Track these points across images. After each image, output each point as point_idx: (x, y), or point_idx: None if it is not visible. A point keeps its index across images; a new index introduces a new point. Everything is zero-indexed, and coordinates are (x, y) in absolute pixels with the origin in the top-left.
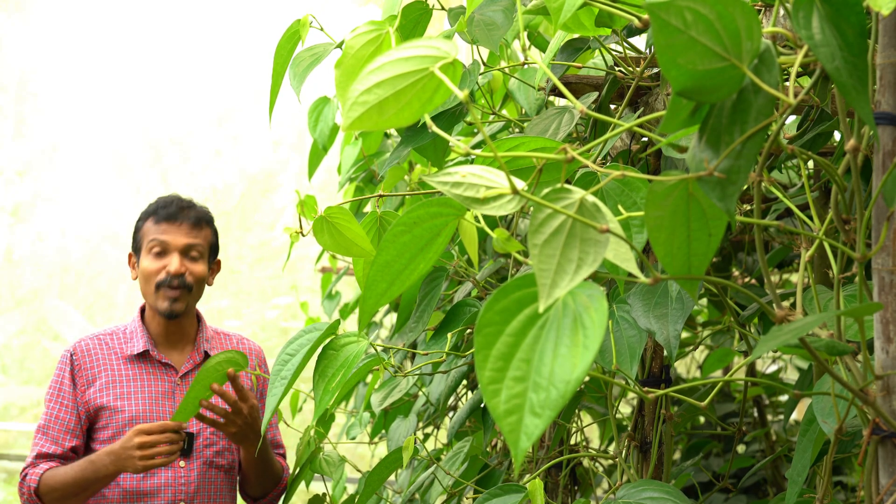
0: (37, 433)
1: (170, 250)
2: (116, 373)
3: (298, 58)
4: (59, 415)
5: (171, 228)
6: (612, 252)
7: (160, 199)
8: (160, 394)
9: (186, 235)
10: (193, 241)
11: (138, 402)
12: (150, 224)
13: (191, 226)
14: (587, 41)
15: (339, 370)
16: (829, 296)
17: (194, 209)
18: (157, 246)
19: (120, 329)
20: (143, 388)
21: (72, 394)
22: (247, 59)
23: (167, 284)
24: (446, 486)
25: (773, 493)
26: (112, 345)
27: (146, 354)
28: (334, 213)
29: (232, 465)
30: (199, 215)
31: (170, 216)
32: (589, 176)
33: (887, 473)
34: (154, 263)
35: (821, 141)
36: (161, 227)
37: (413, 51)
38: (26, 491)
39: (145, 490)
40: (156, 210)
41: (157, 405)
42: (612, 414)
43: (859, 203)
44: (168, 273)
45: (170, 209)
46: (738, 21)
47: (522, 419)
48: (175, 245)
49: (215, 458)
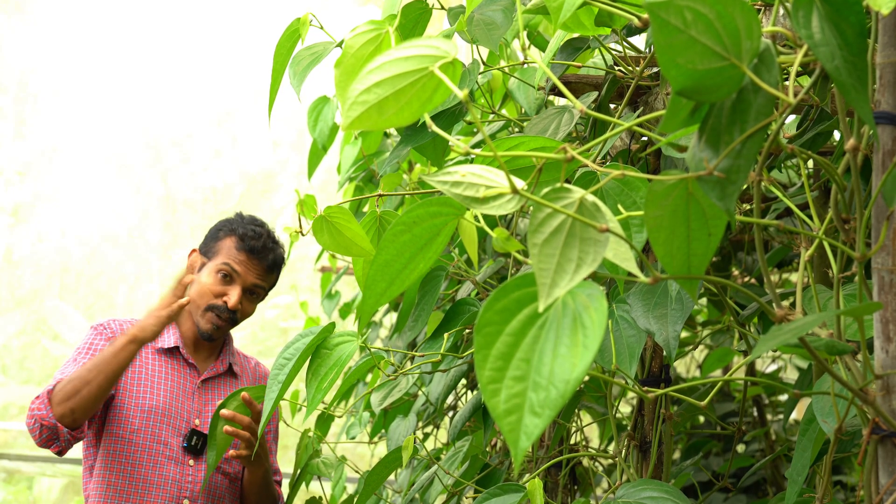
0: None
1: (236, 282)
2: (145, 361)
3: (298, 57)
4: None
5: (248, 262)
6: (612, 251)
7: (250, 223)
8: (181, 391)
9: (258, 276)
10: (261, 283)
11: (159, 394)
12: (230, 243)
13: (265, 267)
14: (587, 40)
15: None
16: (828, 295)
17: (275, 252)
18: (227, 270)
19: None
20: (166, 382)
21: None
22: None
23: (217, 312)
24: (447, 485)
25: (772, 492)
26: None
27: (175, 351)
28: (334, 212)
29: (237, 474)
30: (276, 259)
31: (254, 250)
32: (589, 175)
33: (887, 473)
34: (216, 286)
35: (820, 140)
36: (240, 257)
37: (413, 50)
38: (38, 401)
39: (152, 480)
40: (244, 236)
41: (177, 401)
42: (612, 413)
43: (859, 202)
44: (225, 303)
45: (256, 242)
46: (737, 20)
47: (522, 419)
48: (244, 281)
49: (223, 465)
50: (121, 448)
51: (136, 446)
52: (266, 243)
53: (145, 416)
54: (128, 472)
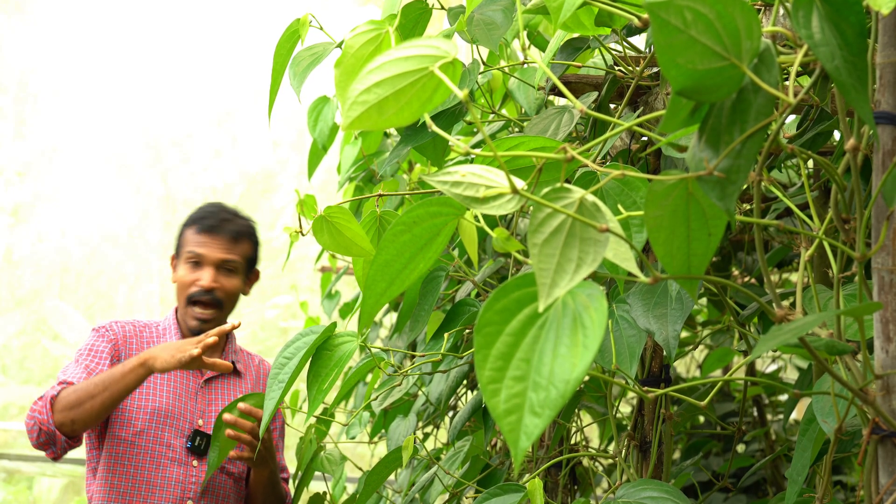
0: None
1: (204, 263)
2: None
3: (298, 57)
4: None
5: (209, 241)
6: (612, 251)
7: (204, 208)
8: (184, 392)
9: (222, 250)
10: (229, 257)
11: (162, 395)
12: (190, 233)
13: (228, 239)
14: (587, 40)
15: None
16: (828, 295)
17: (233, 222)
18: (193, 257)
19: (153, 323)
20: (168, 383)
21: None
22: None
23: (198, 299)
24: (447, 485)
25: (772, 492)
26: (146, 334)
27: None
28: (334, 212)
29: (242, 474)
30: (237, 229)
31: (209, 228)
32: (589, 175)
33: (887, 473)
34: (189, 274)
35: (820, 140)
36: (200, 239)
37: (413, 50)
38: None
39: (156, 482)
40: (197, 219)
41: (180, 402)
42: (612, 413)
43: (859, 202)
44: (200, 287)
45: (210, 221)
46: (737, 20)
47: (522, 419)
48: (210, 259)
49: (227, 465)
50: (124, 450)
51: (140, 448)
52: (222, 216)
53: (148, 417)
54: (131, 473)
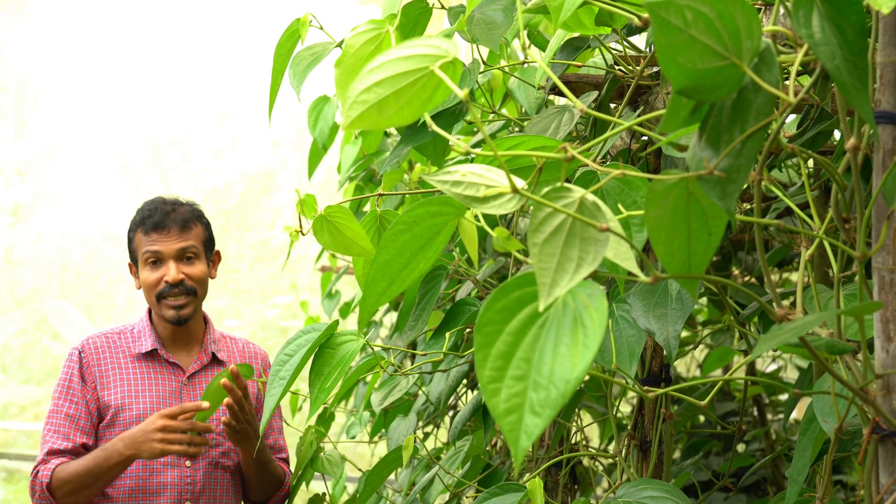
0: (46, 431)
1: (164, 259)
2: (125, 371)
3: (298, 57)
4: (68, 411)
5: (161, 237)
6: (612, 251)
7: (145, 207)
8: (167, 393)
9: (177, 240)
10: (185, 245)
11: (146, 400)
12: (140, 236)
13: (179, 229)
14: (587, 40)
15: (335, 368)
16: (829, 295)
17: (178, 211)
18: (151, 257)
19: (127, 328)
20: (150, 387)
21: (81, 390)
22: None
23: (169, 293)
24: (447, 485)
25: (773, 492)
26: (120, 343)
27: (154, 353)
28: (334, 212)
29: (237, 466)
30: (185, 216)
31: (157, 225)
32: (589, 175)
33: (887, 472)
34: (152, 274)
35: (821, 140)
36: (151, 238)
37: (413, 49)
38: (38, 488)
39: (152, 488)
40: (143, 220)
41: (165, 404)
42: (612, 413)
43: (859, 202)
44: (167, 282)
45: (155, 217)
46: (738, 20)
47: (522, 418)
48: (168, 253)
49: (221, 459)
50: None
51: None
52: (164, 210)
53: (134, 425)
54: (126, 483)
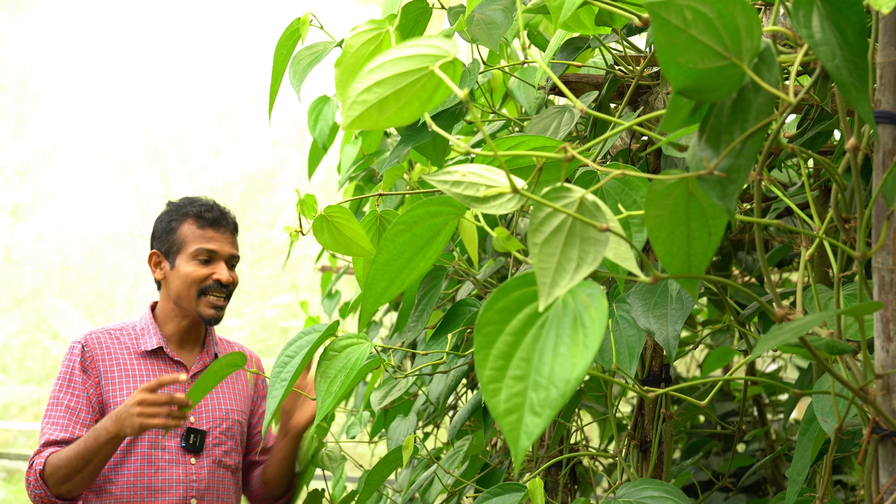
0: (45, 422)
1: (217, 258)
2: (129, 367)
3: (298, 56)
4: (69, 403)
5: (217, 236)
6: (612, 251)
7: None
8: (171, 391)
9: (231, 245)
10: (235, 252)
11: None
12: (192, 228)
13: (231, 234)
14: (587, 40)
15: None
16: (829, 295)
17: (229, 216)
18: (203, 253)
19: (129, 325)
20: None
21: (82, 383)
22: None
23: (213, 292)
24: (447, 484)
25: (772, 492)
26: (123, 340)
27: (160, 351)
28: (334, 211)
29: (238, 466)
30: (235, 223)
31: (215, 221)
32: (589, 175)
33: (887, 472)
34: (201, 269)
35: (821, 140)
36: (208, 234)
37: (413, 49)
38: (32, 477)
39: (157, 485)
40: (197, 214)
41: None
42: (612, 413)
43: (859, 202)
44: (217, 281)
45: (212, 213)
46: (738, 20)
47: (522, 418)
48: (222, 254)
49: (223, 458)
50: (119, 459)
51: (135, 455)
52: (218, 208)
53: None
54: (130, 481)
